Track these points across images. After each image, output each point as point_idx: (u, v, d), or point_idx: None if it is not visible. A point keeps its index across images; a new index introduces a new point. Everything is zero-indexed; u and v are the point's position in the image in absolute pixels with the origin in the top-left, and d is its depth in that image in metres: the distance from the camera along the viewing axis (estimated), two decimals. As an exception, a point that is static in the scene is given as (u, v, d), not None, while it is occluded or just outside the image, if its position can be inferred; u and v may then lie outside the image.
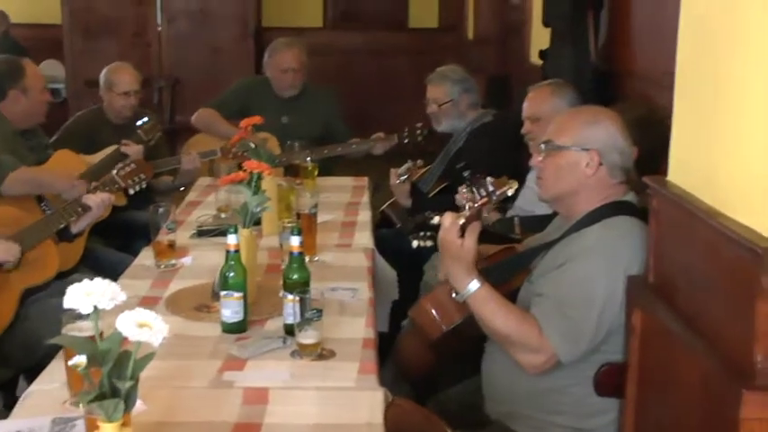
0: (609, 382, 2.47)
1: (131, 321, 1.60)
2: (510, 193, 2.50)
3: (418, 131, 5.15)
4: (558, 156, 2.60)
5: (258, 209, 2.91)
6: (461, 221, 2.44)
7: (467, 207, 2.46)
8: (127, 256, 4.20)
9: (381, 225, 4.43)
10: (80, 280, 3.56)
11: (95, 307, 1.62)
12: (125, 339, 1.65)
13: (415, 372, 2.90)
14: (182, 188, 4.99)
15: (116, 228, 4.43)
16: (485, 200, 2.48)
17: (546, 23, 4.50)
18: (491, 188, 2.49)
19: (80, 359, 1.60)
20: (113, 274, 3.85)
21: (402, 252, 3.98)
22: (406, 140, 5.17)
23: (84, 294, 1.61)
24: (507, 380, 2.60)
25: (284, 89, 5.38)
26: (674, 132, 2.24)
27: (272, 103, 5.34)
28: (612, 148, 2.57)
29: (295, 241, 2.66)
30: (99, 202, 3.59)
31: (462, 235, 2.45)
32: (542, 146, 2.63)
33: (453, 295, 2.53)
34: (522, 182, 3.39)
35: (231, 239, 2.67)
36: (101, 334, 2.11)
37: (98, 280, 1.68)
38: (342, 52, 9.19)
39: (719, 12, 2.02)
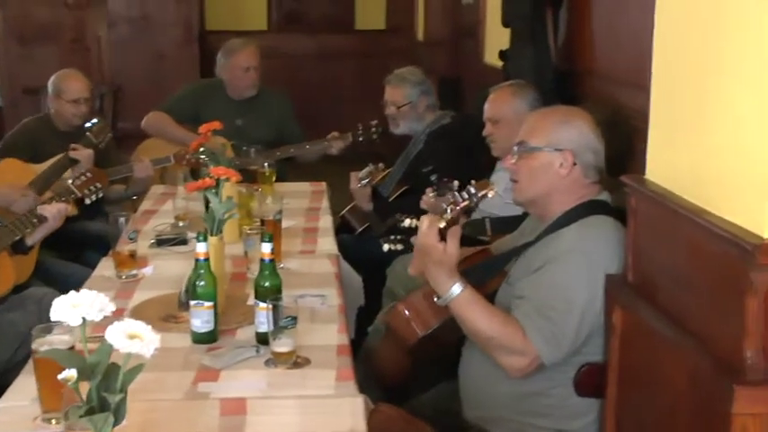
0: (589, 382, 2.50)
1: (121, 332, 1.59)
2: (490, 195, 2.52)
3: (373, 129, 5.17)
4: (531, 157, 2.63)
5: (225, 216, 2.89)
6: (442, 225, 2.45)
7: (448, 210, 2.47)
8: (80, 268, 4.17)
9: (340, 230, 4.43)
10: (38, 294, 3.54)
11: (84, 319, 1.60)
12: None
13: (391, 378, 2.91)
14: (134, 197, 4.94)
15: (66, 238, 4.37)
16: (466, 203, 2.50)
17: (505, 23, 4.54)
18: (473, 190, 2.50)
19: (70, 373, 1.59)
20: (67, 286, 3.77)
21: (363, 258, 4.00)
22: (360, 138, 5.19)
23: (71, 306, 1.59)
24: (487, 384, 2.63)
25: (245, 89, 5.36)
26: (652, 131, 2.28)
27: (225, 105, 5.32)
28: (586, 147, 2.61)
29: (266, 248, 2.65)
30: (55, 212, 3.56)
31: (443, 239, 2.46)
32: (515, 147, 2.66)
33: (435, 299, 2.54)
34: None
35: (200, 247, 2.66)
36: (72, 347, 2.13)
37: (84, 291, 1.66)
38: (287, 56, 9.17)
39: (698, 7, 2.05)
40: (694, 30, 2.07)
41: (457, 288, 2.48)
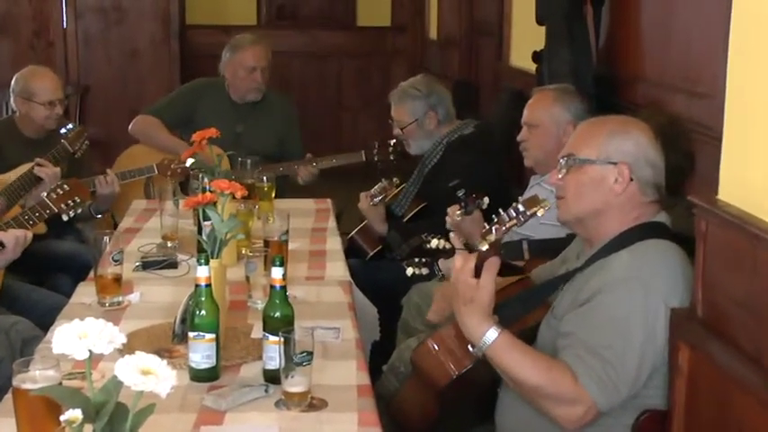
0: (650, 430, 2.48)
1: (133, 368, 1.57)
2: (540, 214, 2.51)
3: (390, 148, 5.14)
4: (581, 171, 2.62)
5: (228, 236, 2.88)
6: (485, 248, 2.43)
7: (493, 230, 2.46)
8: (50, 293, 4.15)
9: (348, 254, 4.42)
10: (6, 323, 3.51)
11: (90, 352, 1.59)
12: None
13: (415, 423, 2.90)
14: (98, 215, 4.89)
15: (33, 260, 4.34)
16: (514, 222, 2.48)
17: (540, 21, 4.55)
18: (522, 208, 2.49)
19: (74, 414, 1.57)
20: (36, 314, 3.81)
21: (375, 286, 3.99)
22: (375, 158, 5.17)
23: (77, 337, 1.57)
24: (528, 429, 2.61)
25: (248, 92, 5.37)
26: (726, 145, 2.27)
27: (225, 108, 5.33)
28: (644, 161, 2.60)
29: (277, 273, 2.64)
30: (13, 241, 3.51)
31: (477, 272, 2.45)
32: (562, 161, 2.65)
33: (470, 348, 2.53)
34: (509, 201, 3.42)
35: (201, 272, 2.64)
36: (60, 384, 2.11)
37: (90, 319, 1.64)
38: (279, 54, 9.10)
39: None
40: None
41: (492, 333, 2.47)
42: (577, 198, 2.64)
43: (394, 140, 5.08)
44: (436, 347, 2.72)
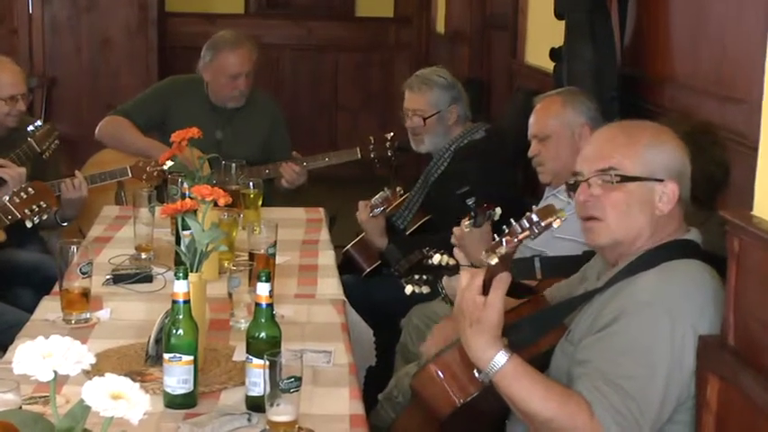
0: (675, 471, 2.50)
1: (102, 391, 1.59)
2: (556, 225, 2.49)
3: (388, 143, 5.14)
4: (625, 189, 2.60)
5: (209, 248, 2.89)
6: (494, 261, 2.44)
7: (503, 242, 2.45)
8: (11, 309, 4.15)
9: (342, 270, 4.43)
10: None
11: (56, 372, 1.60)
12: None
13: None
14: (64, 224, 4.88)
15: (-9, 271, 4.38)
16: (526, 233, 2.48)
17: (559, 14, 4.56)
18: (535, 218, 2.48)
19: (37, 440, 1.59)
20: (-5, 330, 3.83)
21: (372, 305, 4.00)
22: (372, 155, 5.17)
23: (41, 356, 1.59)
24: (541, 468, 2.62)
25: (228, 99, 5.33)
26: (762, 157, 2.28)
27: (204, 111, 5.28)
28: (685, 176, 2.62)
29: (263, 289, 2.65)
30: None
31: (484, 291, 2.46)
32: (595, 178, 2.62)
33: (476, 374, 2.54)
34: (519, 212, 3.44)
35: (179, 287, 2.65)
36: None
37: (56, 337, 1.66)
38: (268, 47, 9.20)
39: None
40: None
41: (501, 358, 2.47)
42: (623, 219, 2.61)
43: (392, 133, 5.08)
44: (440, 373, 2.72)
